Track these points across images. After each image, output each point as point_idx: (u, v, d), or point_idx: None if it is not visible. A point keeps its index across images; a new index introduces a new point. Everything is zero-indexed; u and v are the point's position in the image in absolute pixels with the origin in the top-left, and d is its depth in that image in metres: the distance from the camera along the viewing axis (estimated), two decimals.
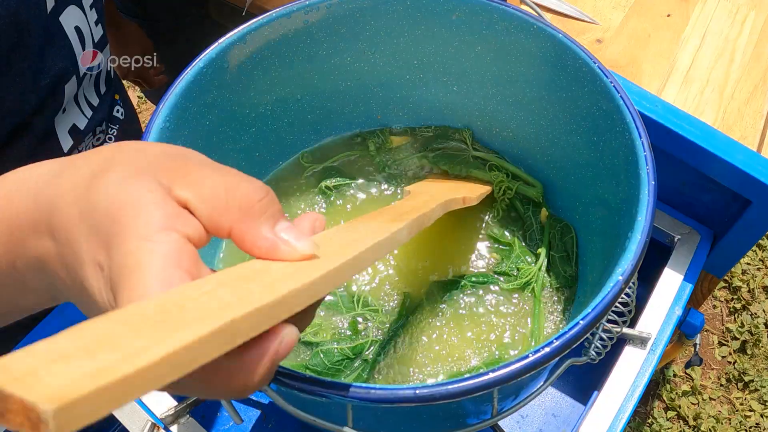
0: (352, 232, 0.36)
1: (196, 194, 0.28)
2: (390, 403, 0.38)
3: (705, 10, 1.04)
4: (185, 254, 0.26)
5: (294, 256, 0.29)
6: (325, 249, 0.31)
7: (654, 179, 0.49)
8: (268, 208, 0.29)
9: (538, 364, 0.39)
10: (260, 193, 0.29)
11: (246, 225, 0.28)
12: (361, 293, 0.65)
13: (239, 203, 0.28)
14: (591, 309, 0.41)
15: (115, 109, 0.81)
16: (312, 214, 0.34)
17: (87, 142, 0.73)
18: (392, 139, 0.77)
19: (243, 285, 0.25)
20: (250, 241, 0.29)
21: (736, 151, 0.68)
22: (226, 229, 0.29)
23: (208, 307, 0.23)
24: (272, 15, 0.60)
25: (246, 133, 0.66)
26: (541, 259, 0.68)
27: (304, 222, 0.33)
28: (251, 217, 0.28)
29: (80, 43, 0.65)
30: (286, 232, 0.29)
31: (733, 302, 1.68)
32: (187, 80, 0.56)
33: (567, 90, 0.60)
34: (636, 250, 0.45)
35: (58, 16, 0.61)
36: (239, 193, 0.28)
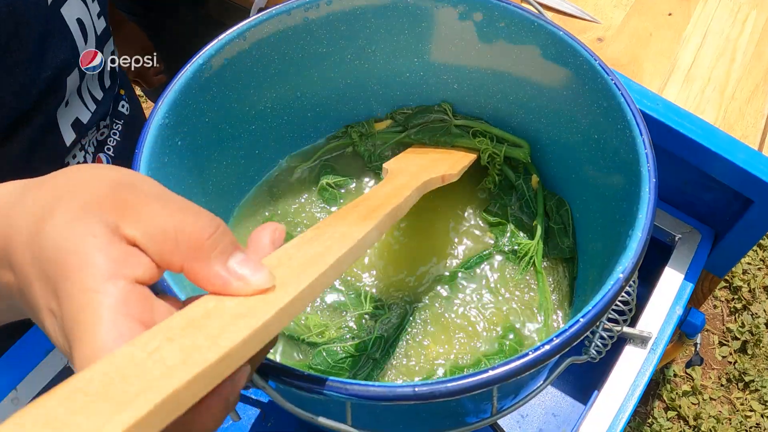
0: (316, 244, 0.35)
1: (144, 232, 0.27)
2: (389, 401, 0.38)
3: (706, 9, 1.04)
4: (134, 301, 0.26)
5: (248, 291, 0.28)
6: (284, 272, 0.30)
7: (655, 177, 0.48)
8: (218, 244, 0.28)
9: (539, 362, 0.39)
10: (209, 229, 0.28)
11: (197, 263, 0.28)
12: (368, 291, 0.65)
13: (188, 241, 0.27)
14: (591, 307, 0.41)
15: (120, 104, 0.81)
16: (270, 226, 0.33)
17: (90, 136, 0.73)
18: (375, 125, 0.76)
19: (190, 337, 0.25)
20: (202, 280, 0.28)
21: (738, 149, 0.67)
22: (178, 267, 0.28)
23: (151, 376, 0.23)
24: (272, 12, 0.59)
25: (245, 130, 0.66)
26: (538, 232, 0.68)
27: (263, 237, 0.32)
28: (201, 255, 0.28)
29: (82, 35, 0.65)
30: (240, 266, 0.28)
31: (733, 302, 1.68)
32: (186, 77, 0.56)
33: (567, 88, 0.60)
34: (637, 248, 0.44)
35: (60, 8, 0.60)
36: (188, 230, 0.28)
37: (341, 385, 0.38)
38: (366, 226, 0.39)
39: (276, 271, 0.30)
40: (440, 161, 0.66)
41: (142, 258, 0.27)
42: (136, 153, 0.51)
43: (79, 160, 0.72)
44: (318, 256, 0.33)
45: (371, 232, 0.40)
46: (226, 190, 0.66)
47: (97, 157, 0.76)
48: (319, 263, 0.32)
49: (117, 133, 0.79)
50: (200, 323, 0.26)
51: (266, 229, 0.33)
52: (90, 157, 0.74)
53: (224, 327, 0.26)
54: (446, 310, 0.65)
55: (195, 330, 0.25)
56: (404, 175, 0.57)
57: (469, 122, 0.73)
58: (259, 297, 0.28)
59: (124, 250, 0.26)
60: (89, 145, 0.74)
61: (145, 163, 0.51)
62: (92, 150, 0.75)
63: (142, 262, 0.27)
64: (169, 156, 0.55)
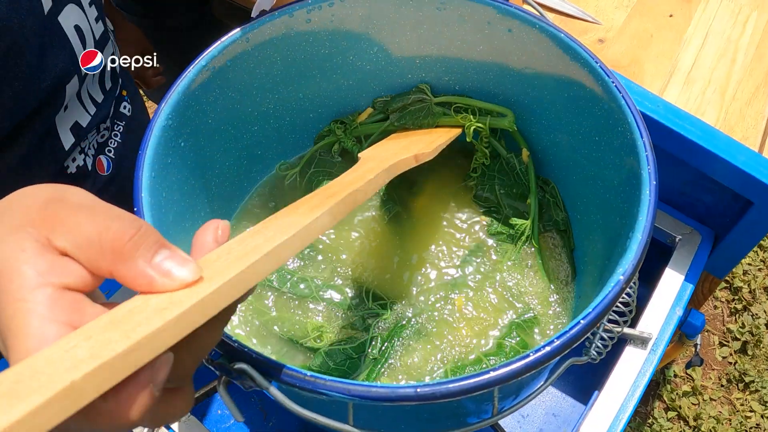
0: (258, 236, 0.35)
1: (72, 242, 0.28)
2: (391, 402, 0.38)
3: (707, 10, 1.04)
4: (61, 307, 0.27)
5: (174, 286, 0.28)
6: (218, 266, 0.31)
7: (655, 179, 0.49)
8: (141, 244, 0.29)
9: (539, 363, 0.39)
10: (130, 230, 0.29)
11: (122, 266, 0.28)
12: (369, 290, 0.65)
13: (111, 245, 0.28)
14: (592, 308, 0.41)
15: (122, 105, 0.81)
16: (213, 224, 0.34)
17: (90, 139, 0.73)
18: (358, 117, 0.75)
19: (107, 334, 0.26)
20: (130, 281, 0.29)
21: (738, 151, 0.68)
22: (107, 272, 0.29)
23: (56, 371, 0.23)
24: (275, 14, 0.60)
25: (248, 131, 0.66)
26: (532, 210, 0.68)
27: (207, 236, 0.33)
28: (126, 257, 0.28)
29: (81, 42, 0.64)
30: (165, 262, 0.29)
31: (734, 303, 1.68)
32: (189, 78, 0.56)
33: (568, 90, 0.60)
34: (637, 249, 0.45)
35: (57, 16, 0.60)
36: (110, 235, 0.28)
37: (344, 386, 0.38)
38: (315, 214, 0.39)
39: (212, 265, 0.31)
40: (417, 142, 0.65)
41: (71, 266, 0.28)
42: (139, 154, 0.51)
43: (79, 163, 0.71)
44: (256, 248, 0.33)
45: (321, 218, 0.40)
46: (228, 190, 0.66)
47: (98, 159, 0.75)
48: (253, 254, 0.32)
49: (118, 135, 0.79)
50: (121, 321, 0.26)
51: (209, 227, 0.33)
52: (90, 159, 0.73)
53: (141, 321, 0.26)
54: (445, 307, 0.65)
55: (114, 327, 0.26)
56: (373, 161, 0.56)
57: (449, 98, 0.71)
58: (184, 291, 0.28)
59: (52, 261, 0.28)
60: (89, 148, 0.73)
61: (148, 165, 0.51)
62: (92, 152, 0.74)
63: (72, 270, 0.28)
64: (172, 157, 0.55)
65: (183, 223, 0.57)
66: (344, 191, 0.45)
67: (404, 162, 0.57)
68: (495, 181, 0.72)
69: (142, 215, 0.48)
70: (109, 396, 0.26)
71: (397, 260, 0.68)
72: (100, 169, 0.76)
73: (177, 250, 0.30)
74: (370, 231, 0.70)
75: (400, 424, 0.52)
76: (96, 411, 0.26)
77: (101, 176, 0.76)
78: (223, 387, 0.39)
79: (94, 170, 0.74)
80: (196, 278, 0.29)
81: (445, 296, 0.66)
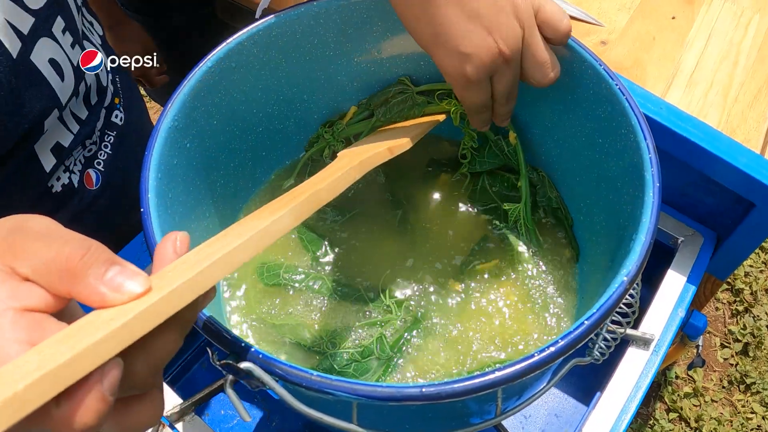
0: (216, 244, 0.36)
1: (32, 268, 0.30)
2: (397, 401, 0.38)
3: (710, 12, 1.04)
4: (21, 327, 0.29)
5: (124, 299, 0.30)
6: (170, 276, 0.32)
7: (659, 181, 0.49)
8: (92, 263, 0.30)
9: (543, 364, 0.39)
10: (80, 251, 0.30)
11: (77, 285, 0.30)
12: (377, 289, 0.66)
13: (65, 268, 0.30)
14: (595, 309, 0.42)
15: (113, 114, 0.79)
16: (171, 236, 0.35)
17: (76, 155, 0.72)
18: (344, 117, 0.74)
19: (57, 347, 0.27)
20: (86, 299, 0.30)
21: (740, 153, 0.68)
22: (66, 293, 0.30)
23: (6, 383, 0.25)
24: (281, 15, 0.60)
25: (253, 132, 0.67)
26: (524, 191, 0.69)
27: (167, 248, 0.35)
28: (79, 277, 0.30)
29: (59, 75, 0.62)
30: (117, 277, 0.30)
31: (735, 304, 1.68)
32: (195, 79, 0.56)
33: (572, 92, 0.60)
34: (641, 251, 0.45)
35: (29, 56, 0.58)
36: (63, 258, 0.30)
37: (350, 386, 0.38)
38: (274, 216, 0.40)
39: (166, 276, 0.32)
40: (396, 134, 0.65)
41: (34, 290, 0.30)
42: (146, 156, 0.52)
43: (64, 182, 0.70)
44: (209, 255, 0.34)
45: (280, 220, 0.41)
46: (233, 191, 0.67)
47: (86, 173, 0.74)
48: (204, 262, 0.33)
49: (108, 146, 0.77)
50: (72, 334, 0.28)
51: (168, 239, 0.35)
52: (77, 176, 0.72)
53: (89, 333, 0.28)
54: (453, 305, 0.65)
55: (65, 341, 0.28)
56: (346, 158, 0.57)
57: (431, 86, 0.71)
58: (133, 302, 0.30)
59: (14, 287, 0.30)
60: (74, 164, 0.72)
61: (154, 166, 0.51)
62: (79, 168, 0.73)
63: (34, 294, 0.30)
64: (178, 158, 0.56)
65: (189, 223, 0.58)
66: (306, 192, 0.46)
67: (378, 156, 0.57)
68: (485, 179, 0.73)
69: (149, 216, 0.49)
70: (62, 402, 0.27)
71: (407, 261, 0.68)
72: (89, 183, 0.74)
73: (128, 264, 0.31)
74: (378, 234, 0.71)
75: (404, 423, 0.52)
76: (50, 417, 0.27)
77: (89, 191, 0.75)
78: (230, 386, 0.40)
79: (81, 186, 0.73)
80: (145, 290, 0.30)
81: (450, 293, 0.66)
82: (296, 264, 0.68)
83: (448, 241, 0.70)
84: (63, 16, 0.62)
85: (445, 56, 0.53)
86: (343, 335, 0.64)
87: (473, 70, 0.53)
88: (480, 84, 0.55)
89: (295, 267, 0.68)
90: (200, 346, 0.88)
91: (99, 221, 0.77)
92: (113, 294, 0.30)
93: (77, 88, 0.66)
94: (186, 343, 0.87)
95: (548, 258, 0.68)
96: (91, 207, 0.75)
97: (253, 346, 0.40)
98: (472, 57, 0.52)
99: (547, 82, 0.56)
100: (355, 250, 0.69)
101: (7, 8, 0.54)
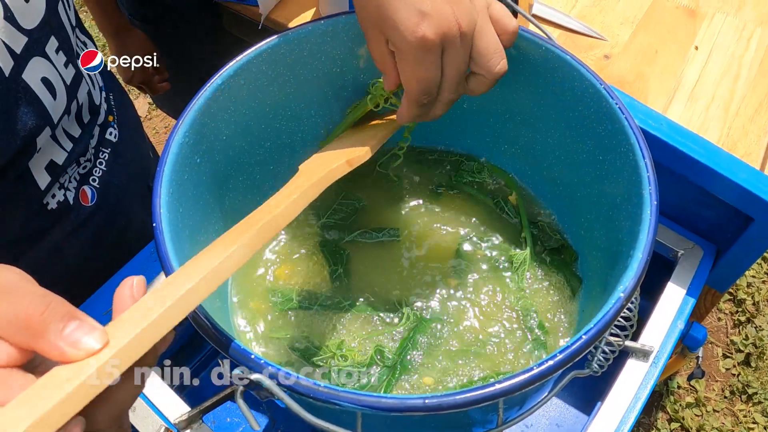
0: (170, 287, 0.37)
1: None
2: (400, 412, 0.40)
3: (712, 26, 1.06)
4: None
5: (82, 355, 0.31)
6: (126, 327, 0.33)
7: (656, 199, 0.50)
8: (51, 319, 0.31)
9: (543, 376, 0.41)
10: (40, 307, 0.31)
11: (38, 341, 0.31)
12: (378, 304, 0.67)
13: (26, 325, 0.31)
14: (593, 324, 0.43)
15: (107, 132, 0.79)
16: (128, 281, 0.36)
17: (71, 173, 0.72)
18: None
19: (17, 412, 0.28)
20: (47, 354, 0.31)
21: (739, 169, 0.69)
22: (29, 348, 0.32)
23: None
24: (289, 34, 0.61)
25: (261, 147, 0.68)
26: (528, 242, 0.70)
27: (124, 293, 0.36)
28: (39, 334, 0.31)
29: (51, 93, 0.62)
30: (76, 332, 0.31)
31: (737, 315, 1.69)
32: (205, 96, 0.58)
33: (573, 110, 0.62)
34: (637, 268, 0.46)
35: (21, 75, 0.58)
36: (23, 315, 0.31)
37: (355, 397, 0.40)
38: (227, 252, 0.41)
39: (123, 326, 0.33)
40: (354, 143, 0.62)
41: (2, 346, 0.31)
42: (158, 171, 0.53)
43: (59, 199, 0.71)
44: (162, 300, 0.35)
45: (233, 254, 0.41)
46: (242, 204, 0.68)
47: (82, 190, 0.75)
48: (156, 309, 0.34)
49: (103, 163, 0.78)
50: (32, 396, 0.29)
51: (125, 285, 0.36)
52: (72, 193, 0.73)
53: (47, 396, 0.29)
54: (455, 322, 0.67)
55: (24, 404, 0.29)
56: (304, 175, 0.55)
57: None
58: (90, 358, 0.31)
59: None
60: (69, 182, 0.72)
61: (166, 181, 0.53)
62: (74, 186, 0.73)
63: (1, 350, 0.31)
64: (188, 173, 0.57)
65: (197, 236, 0.59)
66: (261, 221, 0.46)
67: (336, 170, 0.56)
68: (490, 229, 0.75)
69: (161, 231, 0.50)
70: None
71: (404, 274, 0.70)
72: (84, 200, 0.75)
73: (86, 319, 0.32)
74: (380, 251, 0.73)
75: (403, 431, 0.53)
76: None
77: (85, 207, 0.75)
78: (241, 396, 0.41)
79: (77, 203, 0.74)
80: (102, 345, 0.31)
81: (453, 310, 0.67)
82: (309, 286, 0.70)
83: (455, 263, 0.71)
84: (57, 36, 0.63)
85: (401, 9, 0.49)
86: (348, 345, 0.65)
87: (430, 31, 0.49)
88: (434, 54, 0.51)
89: (308, 289, 0.69)
90: (206, 355, 0.89)
91: (95, 237, 0.78)
92: (71, 350, 0.31)
93: (69, 107, 0.66)
94: (192, 352, 0.88)
95: (552, 282, 0.69)
96: (86, 223, 0.76)
97: (262, 359, 0.42)
98: (430, 16, 0.49)
99: (498, 71, 0.54)
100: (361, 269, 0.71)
101: (2, 27, 0.54)
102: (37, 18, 0.59)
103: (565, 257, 0.70)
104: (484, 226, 0.74)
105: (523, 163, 0.75)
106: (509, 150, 0.75)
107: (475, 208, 0.75)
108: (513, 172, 0.77)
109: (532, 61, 0.62)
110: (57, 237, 0.73)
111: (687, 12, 1.07)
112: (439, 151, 0.80)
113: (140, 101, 2.30)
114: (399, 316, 0.66)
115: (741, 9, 1.08)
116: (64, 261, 0.76)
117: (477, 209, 0.75)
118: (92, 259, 0.80)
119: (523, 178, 0.77)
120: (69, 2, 0.66)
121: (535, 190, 0.76)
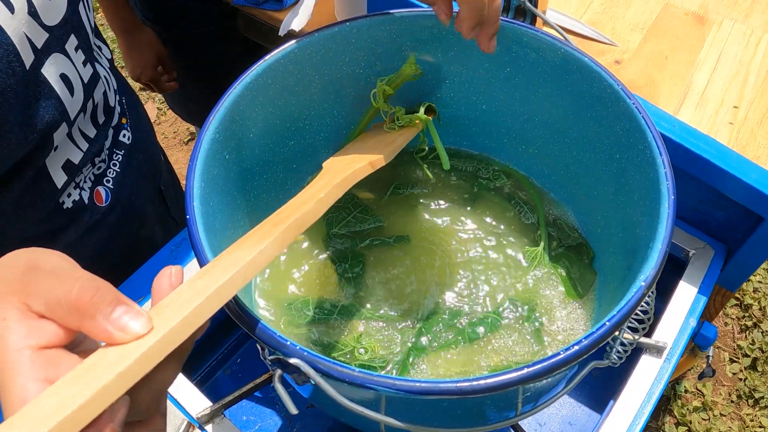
0: (206, 277, 0.39)
1: (46, 305, 0.33)
2: (433, 395, 0.41)
3: (720, 32, 1.07)
4: (39, 365, 0.32)
5: (128, 339, 0.33)
6: (167, 313, 0.35)
7: (674, 194, 0.52)
8: (100, 302, 0.33)
9: (569, 361, 0.42)
10: (90, 291, 0.33)
11: (87, 322, 0.33)
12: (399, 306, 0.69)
13: (75, 306, 0.33)
14: (616, 311, 0.45)
15: (121, 134, 0.81)
16: (167, 270, 0.38)
17: (86, 173, 0.74)
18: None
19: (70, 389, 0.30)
20: (95, 335, 0.33)
21: (750, 169, 0.71)
22: (77, 328, 0.33)
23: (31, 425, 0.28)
24: (314, 35, 0.63)
25: (285, 145, 0.70)
26: (543, 238, 0.72)
27: (163, 282, 0.38)
28: (88, 316, 0.33)
29: (68, 90, 0.64)
30: (121, 318, 0.33)
31: (744, 320, 1.70)
32: (235, 94, 0.59)
33: (591, 110, 0.63)
34: (658, 257, 0.48)
35: (40, 69, 0.59)
36: (73, 297, 0.33)
37: (390, 381, 0.41)
38: (259, 246, 0.43)
39: (163, 312, 0.35)
40: (377, 145, 0.66)
41: (47, 327, 0.33)
42: (190, 164, 0.55)
43: (75, 198, 0.72)
44: (201, 290, 0.37)
45: (265, 250, 0.43)
46: (265, 201, 0.69)
47: (96, 190, 0.76)
48: (196, 298, 0.36)
49: (117, 164, 0.79)
50: (83, 375, 0.31)
51: (164, 274, 0.38)
52: (87, 192, 0.74)
53: (97, 375, 0.31)
54: (471, 317, 0.68)
55: (75, 382, 0.31)
56: (328, 174, 0.58)
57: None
58: (135, 342, 0.33)
59: (29, 325, 0.33)
60: (85, 182, 0.74)
61: (198, 175, 0.54)
62: (89, 186, 0.75)
63: (48, 331, 0.33)
64: (218, 168, 0.59)
65: (225, 231, 0.60)
66: (291, 217, 0.48)
67: (359, 171, 0.59)
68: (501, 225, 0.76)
69: (195, 223, 0.51)
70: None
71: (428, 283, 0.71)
72: (98, 200, 0.77)
73: (132, 304, 0.34)
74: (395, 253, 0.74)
75: (429, 416, 0.54)
76: None
77: (99, 207, 0.77)
78: (279, 381, 0.43)
79: (91, 202, 0.75)
80: (147, 330, 0.33)
81: (469, 309, 0.69)
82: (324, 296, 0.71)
83: (469, 263, 0.73)
84: (77, 35, 0.64)
85: None
86: (368, 340, 0.66)
87: None
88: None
89: (323, 299, 0.70)
90: (224, 352, 0.91)
91: (109, 236, 0.80)
92: (119, 333, 0.33)
93: (85, 105, 0.68)
94: (211, 349, 0.90)
95: (567, 278, 0.71)
96: (101, 223, 0.78)
97: (298, 345, 0.43)
98: None
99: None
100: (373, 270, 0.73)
101: (26, 22, 0.56)
102: (58, 15, 0.61)
103: (582, 255, 0.71)
104: (501, 225, 0.75)
105: (540, 163, 0.77)
106: (527, 150, 0.77)
107: (492, 209, 0.77)
108: (531, 173, 0.79)
109: (551, 63, 0.64)
110: (72, 236, 0.75)
111: (696, 19, 1.09)
112: (456, 152, 0.82)
113: (149, 106, 2.32)
114: (415, 316, 0.68)
115: (749, 16, 1.10)
116: (78, 260, 0.77)
117: (494, 209, 0.77)
118: (105, 258, 0.81)
119: (541, 179, 0.78)
120: (89, 4, 0.68)
121: (552, 190, 0.77)
